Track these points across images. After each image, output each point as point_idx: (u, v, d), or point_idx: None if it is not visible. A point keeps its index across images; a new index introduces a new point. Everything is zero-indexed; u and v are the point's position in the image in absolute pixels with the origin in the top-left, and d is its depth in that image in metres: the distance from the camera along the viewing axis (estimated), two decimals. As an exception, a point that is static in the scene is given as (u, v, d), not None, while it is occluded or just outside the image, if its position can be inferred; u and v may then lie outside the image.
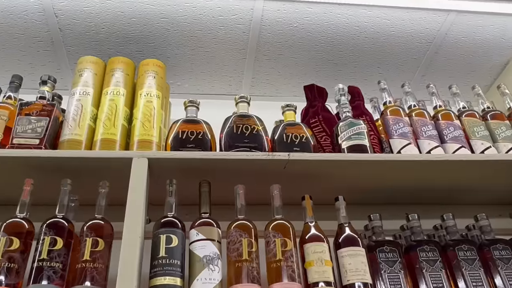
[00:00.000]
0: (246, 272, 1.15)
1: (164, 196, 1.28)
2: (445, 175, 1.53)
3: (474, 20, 1.86)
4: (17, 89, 1.50)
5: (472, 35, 1.92)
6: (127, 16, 1.72)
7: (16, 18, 1.69)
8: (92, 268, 1.10)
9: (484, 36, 1.93)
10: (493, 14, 1.83)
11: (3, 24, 1.71)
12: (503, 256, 1.35)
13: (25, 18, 1.69)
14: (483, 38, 1.94)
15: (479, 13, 1.82)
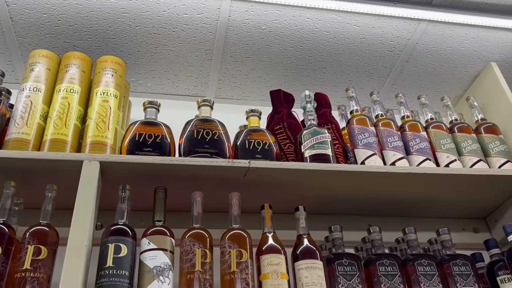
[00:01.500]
0: (199, 284, 1.15)
1: (116, 203, 1.26)
2: (408, 187, 1.56)
3: (446, 30, 1.89)
4: (-40, 81, 1.46)
5: (443, 46, 1.96)
6: (86, 9, 1.67)
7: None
8: (32, 277, 1.07)
9: (455, 47, 1.96)
10: (464, 26, 1.87)
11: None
12: (462, 272, 1.38)
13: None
14: (454, 49, 1.97)
15: (451, 24, 1.86)
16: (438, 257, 1.44)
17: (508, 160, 1.64)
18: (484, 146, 1.69)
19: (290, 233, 1.37)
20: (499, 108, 1.82)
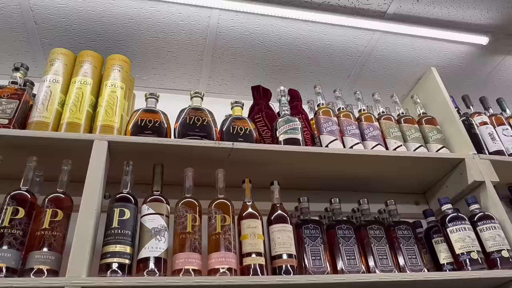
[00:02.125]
0: (189, 243, 1.15)
1: (121, 175, 1.26)
2: (363, 166, 1.58)
3: (396, 40, 1.92)
4: (-8, 74, 1.43)
5: (393, 52, 1.98)
6: (98, 15, 1.66)
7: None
8: (50, 235, 1.07)
9: (403, 54, 1.99)
10: (411, 36, 1.90)
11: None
12: (405, 235, 1.41)
13: (3, 10, 1.61)
14: (402, 55, 2.00)
15: (400, 34, 1.89)
16: (386, 224, 1.46)
17: (444, 146, 1.67)
18: (425, 135, 1.72)
19: (266, 204, 1.37)
20: (437, 104, 1.86)
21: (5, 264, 1.00)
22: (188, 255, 1.13)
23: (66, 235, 1.12)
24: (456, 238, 1.38)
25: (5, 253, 1.01)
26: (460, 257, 1.35)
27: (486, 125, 1.75)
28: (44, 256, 1.04)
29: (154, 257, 1.10)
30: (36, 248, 1.05)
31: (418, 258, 1.37)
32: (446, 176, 1.68)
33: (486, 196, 1.51)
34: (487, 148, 1.68)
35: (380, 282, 1.23)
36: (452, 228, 1.41)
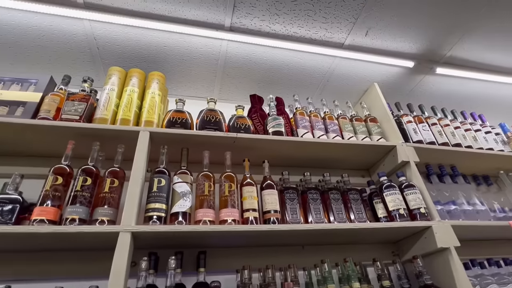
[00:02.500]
0: (206, 202, 1.15)
1: (159, 156, 1.25)
2: (326, 151, 1.57)
3: (350, 63, 1.90)
4: (67, 84, 1.39)
5: (348, 72, 1.96)
6: (141, 43, 1.63)
7: (68, 40, 1.58)
8: (109, 197, 1.06)
9: (355, 72, 1.97)
10: (360, 61, 1.87)
11: (60, 44, 1.60)
12: (355, 198, 1.42)
13: (74, 39, 1.57)
14: (354, 74, 1.98)
15: (353, 60, 1.87)
16: (342, 190, 1.46)
17: (382, 137, 1.67)
18: (369, 129, 1.71)
19: (260, 176, 1.36)
20: (378, 108, 1.84)
21: (78, 216, 0.99)
22: (205, 210, 1.13)
23: (121, 197, 1.12)
24: (389, 200, 1.39)
25: (78, 209, 1.01)
26: (392, 213, 1.36)
27: (411, 123, 1.75)
28: (105, 211, 1.03)
29: (182, 212, 1.10)
30: (99, 205, 1.04)
31: (363, 214, 1.38)
32: (383, 158, 1.68)
33: (410, 171, 1.51)
34: (411, 139, 1.68)
35: (337, 229, 1.24)
36: (387, 193, 1.41)
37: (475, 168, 1.91)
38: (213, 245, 1.27)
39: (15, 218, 0.97)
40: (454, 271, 1.22)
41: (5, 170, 1.28)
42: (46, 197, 1.00)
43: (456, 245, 1.26)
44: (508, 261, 1.50)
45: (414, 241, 1.40)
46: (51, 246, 1.09)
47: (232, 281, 1.23)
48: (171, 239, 1.11)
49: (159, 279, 1.11)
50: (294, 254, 1.38)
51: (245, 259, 1.25)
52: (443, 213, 1.49)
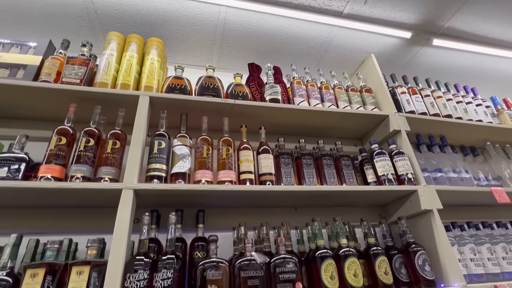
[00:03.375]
0: (205, 164, 1.17)
1: (158, 121, 1.25)
2: (321, 119, 1.57)
3: (348, 33, 1.84)
4: (66, 48, 1.36)
5: (346, 42, 1.91)
6: (140, 8, 1.56)
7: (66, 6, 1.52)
8: (112, 157, 1.08)
9: (353, 42, 1.92)
10: (359, 31, 1.82)
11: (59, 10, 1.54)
12: (347, 164, 1.44)
13: (71, 3, 1.51)
14: (352, 44, 1.93)
15: (351, 29, 1.81)
16: (334, 156, 1.47)
17: (375, 107, 1.66)
18: (363, 99, 1.70)
19: (256, 143, 1.37)
20: (373, 79, 1.83)
21: (82, 174, 1.01)
22: (204, 171, 1.15)
23: (123, 158, 1.13)
24: (379, 165, 1.42)
25: (82, 167, 1.02)
26: (381, 177, 1.39)
27: (404, 94, 1.74)
28: (108, 170, 1.05)
29: (182, 172, 1.12)
30: (102, 165, 1.06)
31: (354, 179, 1.41)
32: (376, 127, 1.69)
33: (401, 140, 1.53)
34: (404, 109, 1.68)
35: (328, 191, 1.27)
36: (377, 159, 1.44)
37: (463, 139, 1.93)
38: (211, 205, 1.31)
39: (22, 175, 0.99)
40: (435, 231, 1.27)
41: (9, 132, 1.28)
42: (51, 156, 1.01)
43: (438, 208, 1.30)
44: (487, 224, 1.56)
45: (400, 205, 1.45)
46: (59, 203, 1.12)
47: (229, 238, 1.28)
48: (171, 198, 1.15)
49: (161, 234, 1.15)
50: (288, 215, 1.43)
51: (241, 218, 1.29)
52: (430, 180, 1.53)
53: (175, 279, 0.90)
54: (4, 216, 1.11)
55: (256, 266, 0.97)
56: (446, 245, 1.23)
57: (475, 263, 1.34)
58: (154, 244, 1.08)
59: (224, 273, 0.94)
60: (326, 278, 1.03)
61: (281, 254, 1.04)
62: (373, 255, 1.17)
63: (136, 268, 0.88)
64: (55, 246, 0.88)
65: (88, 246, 0.90)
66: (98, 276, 0.86)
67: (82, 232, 1.14)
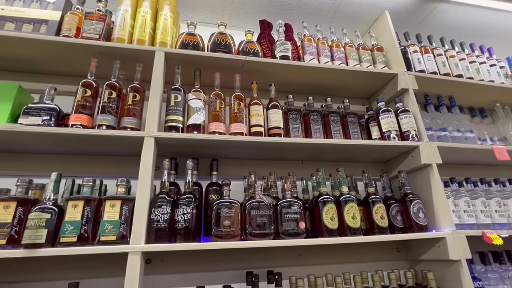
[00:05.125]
0: (218, 117, 1.25)
1: (173, 77, 1.30)
2: (330, 77, 1.59)
3: (362, -11, 1.79)
4: (82, 4, 1.37)
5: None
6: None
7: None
8: (133, 108, 1.16)
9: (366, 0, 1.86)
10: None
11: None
12: (352, 121, 1.49)
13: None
14: (364, 1, 1.86)
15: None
16: (341, 114, 1.51)
17: (385, 66, 1.66)
18: (374, 58, 1.69)
19: (266, 100, 1.41)
20: (386, 38, 1.79)
21: (107, 123, 1.11)
22: (217, 124, 1.23)
23: (143, 110, 1.21)
24: (384, 122, 1.47)
25: (107, 117, 1.11)
26: (385, 133, 1.45)
27: (416, 53, 1.72)
28: (130, 120, 1.14)
29: (197, 124, 1.20)
30: (125, 115, 1.15)
31: (359, 135, 1.47)
32: (384, 86, 1.70)
33: (408, 98, 1.55)
34: (414, 68, 1.67)
35: (333, 144, 1.34)
36: (382, 116, 1.48)
37: (473, 100, 1.92)
38: (224, 156, 1.41)
39: (54, 123, 1.09)
40: (433, 184, 1.35)
41: (38, 86, 1.37)
42: (79, 106, 1.10)
43: (438, 162, 1.37)
44: (484, 181, 1.63)
45: (401, 160, 1.52)
46: (88, 150, 1.24)
47: (240, 186, 1.39)
48: (188, 147, 1.24)
49: (179, 181, 1.27)
50: (294, 167, 1.52)
51: (251, 169, 1.39)
52: (433, 138, 1.57)
53: (194, 214, 1.02)
54: (44, 161, 1.24)
55: (264, 206, 1.09)
56: (441, 197, 1.31)
57: (468, 214, 1.43)
58: (174, 187, 1.20)
59: (236, 211, 1.06)
60: (327, 219, 1.15)
61: (287, 198, 1.15)
62: (372, 202, 1.27)
63: (160, 204, 1.01)
64: (90, 183, 1.00)
65: (118, 184, 1.02)
66: (128, 209, 0.98)
67: (109, 177, 1.27)
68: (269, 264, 1.31)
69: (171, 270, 1.21)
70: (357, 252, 1.44)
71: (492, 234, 1.26)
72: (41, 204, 0.92)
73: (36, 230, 0.87)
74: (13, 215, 0.89)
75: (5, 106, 1.10)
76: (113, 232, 0.93)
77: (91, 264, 1.14)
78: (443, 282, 1.25)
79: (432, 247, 1.29)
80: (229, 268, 1.27)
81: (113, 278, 1.12)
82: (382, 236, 1.18)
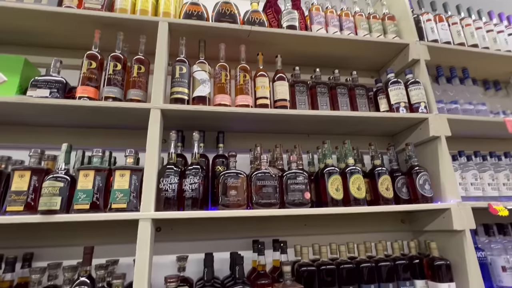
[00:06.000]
0: (223, 89, 1.24)
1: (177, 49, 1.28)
2: (338, 47, 1.54)
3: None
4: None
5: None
6: None
7: None
8: (138, 81, 1.16)
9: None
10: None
11: None
12: (360, 93, 1.46)
13: None
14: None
15: None
16: (349, 86, 1.48)
17: (397, 35, 1.60)
18: (385, 27, 1.63)
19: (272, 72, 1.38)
20: (398, 7, 1.71)
21: (113, 95, 1.12)
22: (223, 96, 1.22)
23: (148, 82, 1.21)
24: (393, 94, 1.44)
25: (113, 89, 1.12)
26: (393, 106, 1.43)
27: (430, 21, 1.65)
28: (136, 92, 1.15)
29: (202, 96, 1.20)
30: (131, 87, 1.15)
31: (367, 108, 1.44)
32: (395, 58, 1.65)
33: (419, 70, 1.50)
34: (427, 38, 1.61)
35: (340, 116, 1.33)
36: (392, 88, 1.45)
37: (487, 72, 1.86)
38: (230, 129, 1.41)
39: (61, 96, 1.10)
40: (440, 156, 1.34)
41: (43, 60, 1.38)
42: (85, 79, 1.11)
43: (447, 135, 1.35)
44: (494, 155, 1.61)
45: (409, 134, 1.51)
46: (96, 124, 1.26)
47: (246, 159, 1.41)
48: (194, 120, 1.25)
49: (186, 154, 1.29)
50: (300, 141, 1.52)
51: (257, 141, 1.39)
52: (443, 111, 1.54)
53: (201, 184, 1.05)
54: (54, 134, 1.27)
55: (270, 177, 1.11)
56: (448, 169, 1.31)
57: (475, 187, 1.43)
58: (181, 159, 1.23)
59: (242, 182, 1.09)
60: (332, 190, 1.16)
61: (293, 169, 1.16)
62: (377, 174, 1.28)
63: (168, 173, 1.04)
64: (99, 154, 1.03)
65: (127, 155, 1.05)
66: (137, 179, 1.02)
67: (118, 150, 1.30)
68: (275, 233, 1.35)
69: (180, 238, 1.27)
70: (361, 223, 1.47)
71: (498, 206, 1.26)
72: (54, 173, 0.96)
73: (50, 197, 0.91)
74: (28, 183, 0.93)
75: (13, 79, 1.11)
76: (123, 200, 0.96)
77: (103, 232, 1.19)
78: (445, 252, 1.28)
79: (436, 218, 1.31)
80: (236, 237, 1.32)
81: (125, 244, 1.18)
82: (387, 206, 1.20)
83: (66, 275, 0.92)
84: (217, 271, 1.22)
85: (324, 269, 1.12)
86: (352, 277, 1.13)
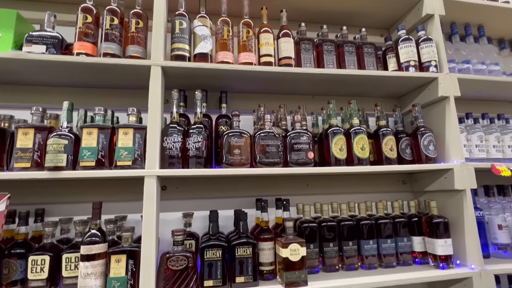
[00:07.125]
0: (226, 46, 1.19)
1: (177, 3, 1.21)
2: (348, 1, 1.46)
3: None
4: None
5: None
6: None
7: None
8: (137, 36, 1.11)
9: None
10: None
11: None
12: (368, 52, 1.40)
13: None
14: None
15: None
16: (357, 44, 1.42)
17: (411, -12, 1.50)
18: (399, -21, 1.52)
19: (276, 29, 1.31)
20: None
21: (112, 51, 1.08)
22: (225, 53, 1.18)
23: (147, 38, 1.16)
24: (402, 52, 1.38)
25: (111, 45, 1.08)
26: (402, 65, 1.37)
27: (448, -28, 1.52)
28: (135, 48, 1.11)
29: (204, 53, 1.16)
30: (129, 43, 1.11)
31: (374, 67, 1.39)
32: (407, 13, 1.56)
33: (432, 26, 1.42)
34: (443, -9, 1.50)
35: (346, 75, 1.29)
36: (402, 45, 1.39)
37: (505, 30, 1.76)
38: (233, 89, 1.38)
39: (58, 53, 1.07)
40: (447, 117, 1.32)
41: (35, 15, 1.31)
42: (81, 34, 1.07)
43: (456, 95, 1.32)
44: (502, 117, 1.58)
45: (417, 94, 1.47)
46: (96, 83, 1.24)
47: (250, 120, 1.40)
48: (196, 78, 1.22)
49: (188, 114, 1.28)
50: (305, 101, 1.50)
51: (261, 102, 1.38)
52: (454, 71, 1.48)
53: (204, 143, 1.05)
54: (55, 94, 1.25)
55: (273, 136, 1.11)
56: (454, 129, 1.29)
57: (480, 148, 1.42)
58: (184, 119, 1.22)
59: (246, 141, 1.09)
60: (336, 150, 1.17)
61: (297, 129, 1.16)
62: (382, 135, 1.27)
63: (171, 132, 1.04)
64: (101, 112, 1.02)
65: (129, 113, 1.04)
66: (141, 137, 1.02)
67: (119, 110, 1.29)
68: (278, 192, 1.38)
69: (186, 196, 1.30)
70: (363, 183, 1.49)
71: (501, 166, 1.27)
72: (58, 131, 0.96)
73: (56, 154, 0.92)
74: (33, 141, 0.94)
75: (7, 34, 1.07)
76: (128, 158, 0.98)
77: (110, 190, 1.23)
78: (445, 211, 1.31)
79: (438, 179, 1.32)
80: (240, 195, 1.36)
81: (132, 202, 1.22)
82: (390, 166, 1.21)
83: (78, 228, 0.96)
84: (221, 227, 1.27)
85: (325, 226, 1.16)
86: (352, 233, 1.18)
